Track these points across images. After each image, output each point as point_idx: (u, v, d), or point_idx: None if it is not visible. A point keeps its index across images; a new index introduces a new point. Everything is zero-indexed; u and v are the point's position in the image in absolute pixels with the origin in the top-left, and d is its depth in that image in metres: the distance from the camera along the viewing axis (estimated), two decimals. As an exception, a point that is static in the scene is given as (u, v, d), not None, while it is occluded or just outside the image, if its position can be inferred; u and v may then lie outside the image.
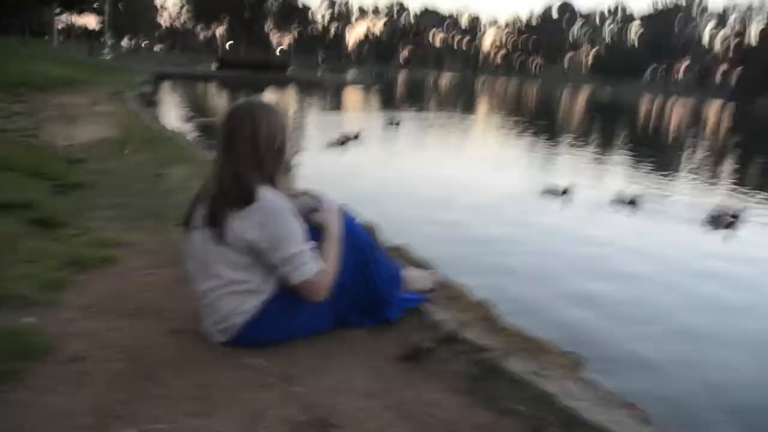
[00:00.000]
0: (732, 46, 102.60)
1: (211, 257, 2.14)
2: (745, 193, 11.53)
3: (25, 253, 3.03)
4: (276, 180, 2.20)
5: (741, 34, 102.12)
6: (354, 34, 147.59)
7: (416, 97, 40.27)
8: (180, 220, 2.30)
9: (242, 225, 2.09)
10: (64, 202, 4.19)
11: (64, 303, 2.52)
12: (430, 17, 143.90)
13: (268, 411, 1.82)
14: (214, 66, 46.93)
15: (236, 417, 1.79)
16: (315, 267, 2.17)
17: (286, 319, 2.22)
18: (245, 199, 2.10)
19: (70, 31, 78.48)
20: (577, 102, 51.73)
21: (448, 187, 9.62)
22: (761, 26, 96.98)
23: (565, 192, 9.32)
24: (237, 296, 2.15)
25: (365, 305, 2.39)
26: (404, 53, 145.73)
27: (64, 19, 70.92)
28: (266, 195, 2.11)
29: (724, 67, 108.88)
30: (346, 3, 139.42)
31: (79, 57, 38.17)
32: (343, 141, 13.50)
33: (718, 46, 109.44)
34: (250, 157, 2.14)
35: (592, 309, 4.92)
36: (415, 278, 2.67)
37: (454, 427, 1.79)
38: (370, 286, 2.38)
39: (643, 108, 49.43)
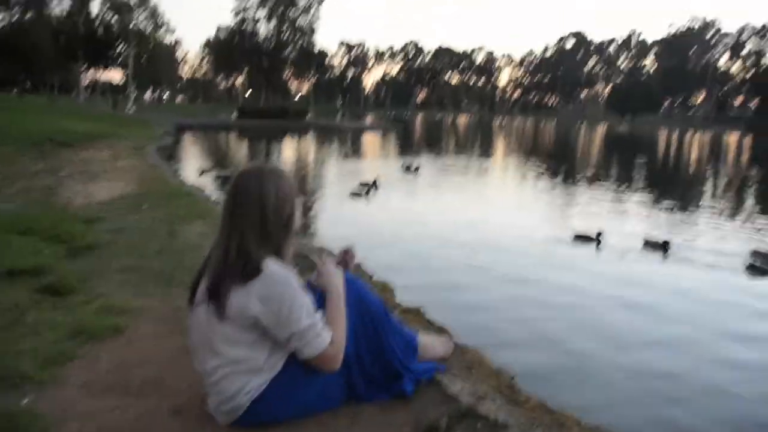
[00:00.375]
0: (749, 75, 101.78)
1: (215, 334, 2.03)
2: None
3: (30, 324, 2.95)
4: (283, 251, 2.09)
5: (758, 62, 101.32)
6: (371, 78, 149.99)
7: (434, 140, 40.46)
8: (189, 285, 2.19)
9: (245, 300, 1.97)
10: (76, 266, 4.13)
11: (65, 379, 2.42)
12: (445, 56, 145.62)
13: (271, 506, 1.69)
14: (234, 115, 47.76)
15: None
16: (327, 338, 2.05)
17: (295, 396, 2.10)
18: (249, 272, 1.98)
19: (96, 86, 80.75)
20: (594, 140, 51.59)
21: (470, 237, 9.34)
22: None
23: (597, 238, 8.98)
24: (242, 376, 2.03)
25: (378, 377, 2.26)
26: (421, 95, 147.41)
27: (89, 75, 73.08)
28: (271, 268, 2.00)
29: (741, 97, 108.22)
30: (363, 47, 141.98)
31: (103, 111, 39.12)
32: (366, 190, 13.49)
33: (735, 73, 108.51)
34: (256, 227, 2.02)
35: (627, 378, 4.58)
36: (430, 345, 2.54)
37: None
38: (384, 357, 2.25)
39: (661, 143, 49.12)
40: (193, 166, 16.98)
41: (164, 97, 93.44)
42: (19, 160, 11.51)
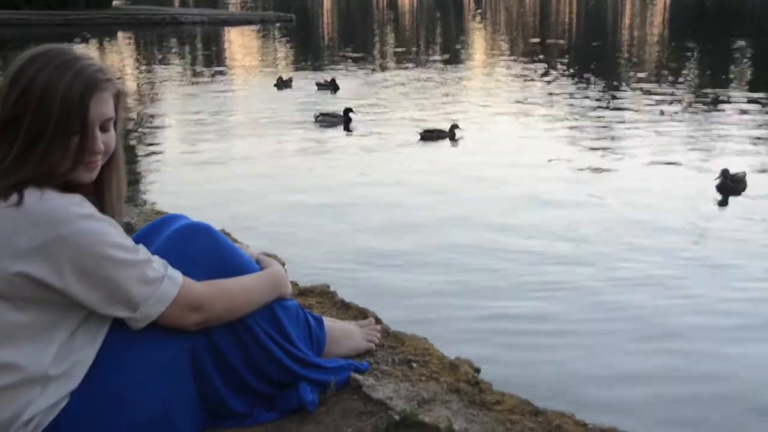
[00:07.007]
0: None
1: None
2: None
3: None
4: (69, 177, 2.22)
5: None
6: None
7: (360, 36, 40.56)
8: None
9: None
10: None
11: None
12: None
13: None
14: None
15: None
16: (177, 275, 2.27)
17: (114, 423, 2.26)
18: None
19: None
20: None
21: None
22: None
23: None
24: (13, 393, 2.14)
25: (259, 384, 2.52)
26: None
27: None
28: (47, 202, 2.11)
29: None
30: None
31: None
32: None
33: None
34: (12, 137, 2.14)
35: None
36: (344, 335, 2.83)
37: None
38: (270, 356, 2.50)
39: None
40: None
41: None
42: None
